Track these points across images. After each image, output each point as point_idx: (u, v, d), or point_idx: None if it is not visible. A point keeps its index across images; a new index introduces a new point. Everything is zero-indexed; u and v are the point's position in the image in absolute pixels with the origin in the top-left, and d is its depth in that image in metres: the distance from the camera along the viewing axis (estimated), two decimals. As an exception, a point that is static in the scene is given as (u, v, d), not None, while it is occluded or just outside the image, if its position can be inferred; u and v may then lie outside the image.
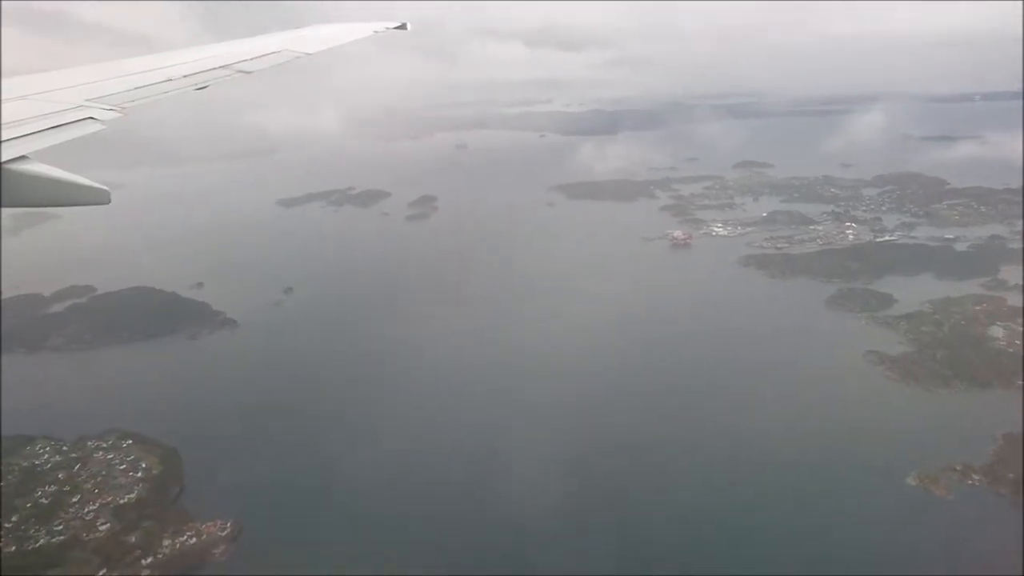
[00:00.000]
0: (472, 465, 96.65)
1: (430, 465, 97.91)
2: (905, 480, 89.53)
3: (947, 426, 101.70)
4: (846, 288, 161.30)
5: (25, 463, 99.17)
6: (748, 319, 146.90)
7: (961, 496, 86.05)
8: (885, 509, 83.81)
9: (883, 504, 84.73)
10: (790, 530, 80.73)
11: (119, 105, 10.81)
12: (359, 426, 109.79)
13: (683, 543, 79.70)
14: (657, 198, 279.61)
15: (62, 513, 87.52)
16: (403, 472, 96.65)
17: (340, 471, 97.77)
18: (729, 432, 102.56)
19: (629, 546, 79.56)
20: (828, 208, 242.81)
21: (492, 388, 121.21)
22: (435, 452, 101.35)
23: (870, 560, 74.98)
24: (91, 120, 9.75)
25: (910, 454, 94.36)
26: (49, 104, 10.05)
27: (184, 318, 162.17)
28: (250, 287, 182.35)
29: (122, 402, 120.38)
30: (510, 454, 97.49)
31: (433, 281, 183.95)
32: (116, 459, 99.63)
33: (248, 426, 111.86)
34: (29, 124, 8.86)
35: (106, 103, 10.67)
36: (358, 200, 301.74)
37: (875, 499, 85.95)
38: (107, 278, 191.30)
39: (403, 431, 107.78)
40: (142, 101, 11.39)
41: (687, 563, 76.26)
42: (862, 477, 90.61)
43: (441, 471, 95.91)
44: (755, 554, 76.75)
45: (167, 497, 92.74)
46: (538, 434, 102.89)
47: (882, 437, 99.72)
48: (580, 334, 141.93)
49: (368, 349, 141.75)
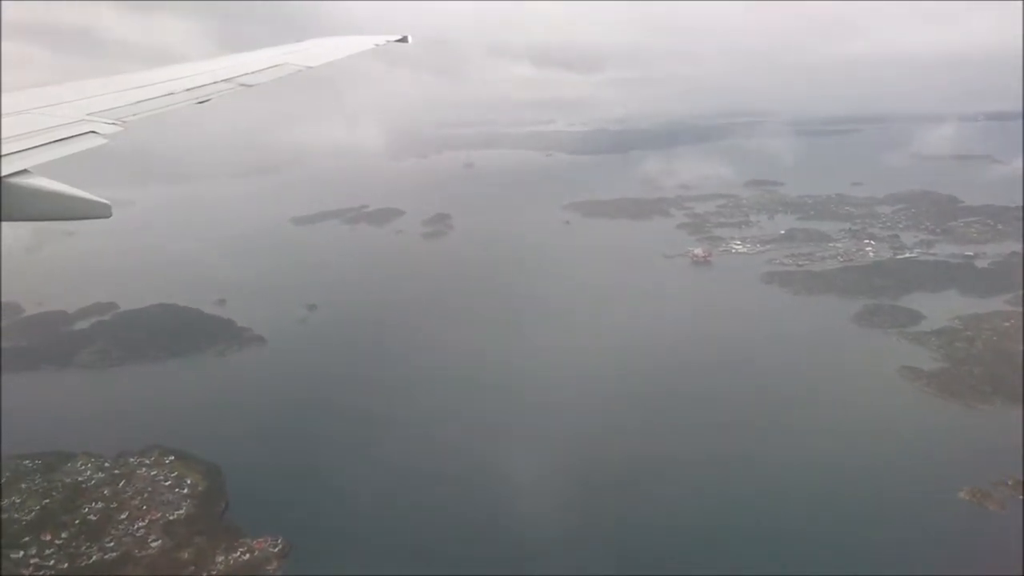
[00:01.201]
0: (501, 486, 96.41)
1: (455, 486, 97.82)
2: (957, 495, 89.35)
3: (991, 441, 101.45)
4: (873, 304, 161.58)
5: (68, 479, 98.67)
6: (777, 337, 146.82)
7: (1015, 510, 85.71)
8: (942, 524, 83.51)
9: (940, 519, 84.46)
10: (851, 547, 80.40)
11: (121, 119, 10.80)
12: (391, 444, 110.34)
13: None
14: (672, 216, 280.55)
15: (112, 530, 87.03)
16: (424, 491, 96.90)
17: (375, 488, 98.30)
18: (772, 452, 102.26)
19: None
20: (845, 226, 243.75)
21: (521, 407, 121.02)
22: (465, 473, 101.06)
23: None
24: (93, 134, 9.78)
25: (959, 469, 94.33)
26: (51, 118, 10.06)
27: (211, 335, 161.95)
28: (274, 304, 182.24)
29: (158, 419, 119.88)
30: (535, 477, 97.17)
31: (457, 299, 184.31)
32: (160, 475, 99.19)
33: (285, 442, 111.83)
34: (31, 138, 8.86)
35: (108, 117, 10.69)
36: (372, 218, 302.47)
37: (931, 515, 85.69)
38: (128, 295, 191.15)
39: (431, 449, 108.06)
40: (144, 115, 11.38)
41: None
42: (915, 493, 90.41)
43: (470, 490, 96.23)
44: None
45: (214, 513, 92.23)
46: (567, 456, 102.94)
47: (929, 452, 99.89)
48: (607, 353, 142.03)
49: (397, 368, 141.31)
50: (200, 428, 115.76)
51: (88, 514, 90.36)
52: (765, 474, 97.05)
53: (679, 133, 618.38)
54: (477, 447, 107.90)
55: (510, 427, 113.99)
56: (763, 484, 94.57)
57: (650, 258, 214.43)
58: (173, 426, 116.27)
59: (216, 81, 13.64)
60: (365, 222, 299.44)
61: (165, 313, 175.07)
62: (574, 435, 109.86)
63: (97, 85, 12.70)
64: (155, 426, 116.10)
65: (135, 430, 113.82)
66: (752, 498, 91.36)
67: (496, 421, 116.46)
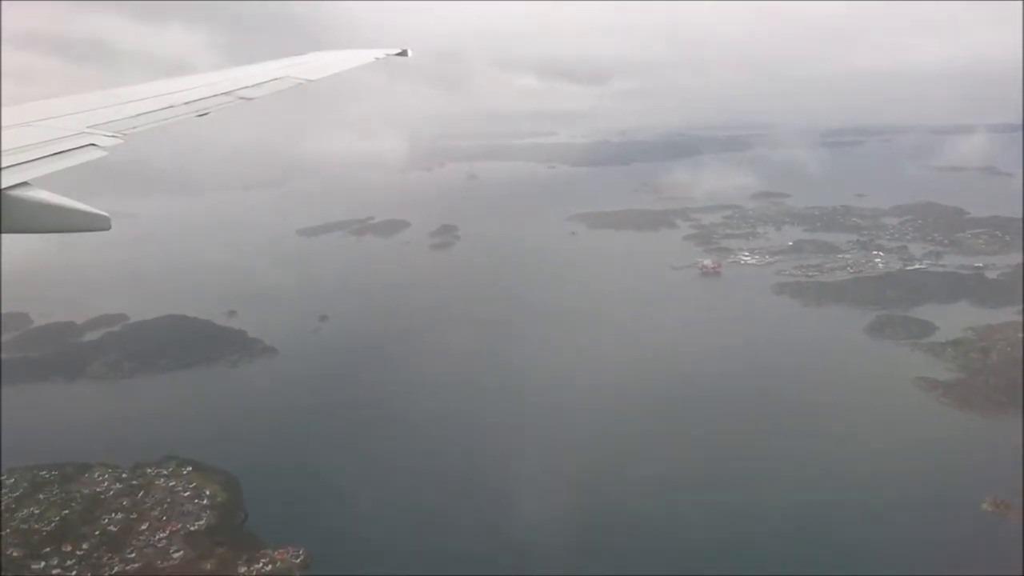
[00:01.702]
0: (515, 493, 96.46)
1: (470, 493, 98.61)
2: (980, 506, 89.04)
3: (1011, 451, 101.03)
4: (885, 315, 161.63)
5: (87, 490, 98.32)
6: (791, 347, 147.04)
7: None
8: (966, 534, 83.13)
9: (964, 529, 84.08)
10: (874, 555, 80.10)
11: (120, 132, 10.78)
12: (406, 453, 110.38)
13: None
14: (679, 227, 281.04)
15: (132, 541, 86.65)
16: (438, 499, 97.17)
17: (392, 497, 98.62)
18: (790, 461, 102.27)
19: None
20: (852, 237, 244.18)
21: (536, 416, 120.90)
22: (481, 479, 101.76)
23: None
24: (92, 147, 9.73)
25: (980, 479, 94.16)
26: (50, 131, 10.03)
27: (222, 346, 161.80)
28: (284, 315, 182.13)
29: (174, 430, 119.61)
30: (546, 485, 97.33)
31: (467, 309, 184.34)
32: (178, 486, 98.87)
33: (301, 453, 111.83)
34: (30, 151, 8.83)
35: (107, 130, 10.66)
36: (379, 230, 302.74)
37: (953, 526, 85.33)
38: (137, 306, 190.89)
39: (445, 458, 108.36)
40: (143, 128, 11.36)
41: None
42: (937, 504, 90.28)
43: (486, 497, 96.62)
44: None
45: (234, 524, 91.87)
46: (577, 469, 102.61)
47: (949, 462, 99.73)
48: (621, 364, 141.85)
49: (410, 378, 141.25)
50: (216, 439, 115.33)
51: (108, 525, 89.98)
52: (783, 483, 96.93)
53: (681, 145, 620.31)
54: (492, 455, 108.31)
55: (524, 435, 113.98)
56: (780, 493, 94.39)
57: (659, 269, 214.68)
58: (188, 437, 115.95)
59: (216, 94, 13.67)
60: (371, 233, 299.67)
61: (175, 324, 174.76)
62: (589, 444, 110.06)
63: (97, 98, 12.71)
64: (170, 437, 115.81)
65: (151, 441, 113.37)
66: (768, 507, 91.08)
67: (511, 430, 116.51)
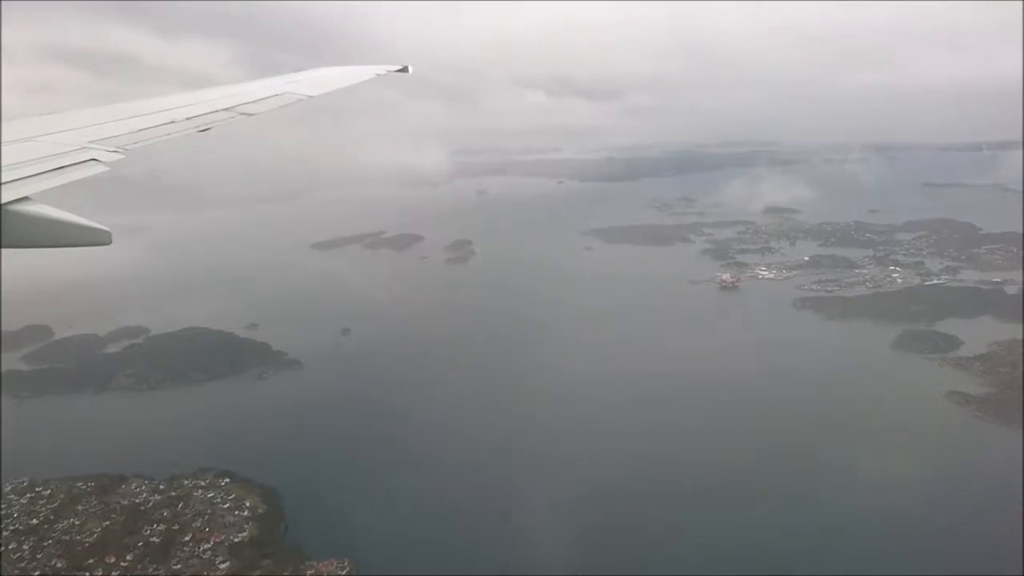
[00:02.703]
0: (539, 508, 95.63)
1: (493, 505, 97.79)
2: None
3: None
4: (910, 330, 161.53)
5: (125, 502, 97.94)
6: (819, 362, 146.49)
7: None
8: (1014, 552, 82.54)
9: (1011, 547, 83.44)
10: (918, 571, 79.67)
11: (122, 147, 10.73)
12: (436, 465, 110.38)
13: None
14: (693, 242, 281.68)
15: (176, 552, 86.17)
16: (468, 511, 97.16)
17: (425, 507, 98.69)
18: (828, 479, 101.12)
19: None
20: (867, 252, 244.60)
21: (560, 431, 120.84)
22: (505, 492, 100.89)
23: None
24: (94, 162, 9.70)
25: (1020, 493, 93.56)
26: (52, 146, 10.01)
27: (247, 358, 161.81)
28: (306, 328, 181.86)
29: (206, 441, 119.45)
30: (577, 503, 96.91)
31: (489, 323, 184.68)
32: (217, 498, 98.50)
33: (336, 465, 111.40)
34: (32, 165, 8.81)
35: (109, 145, 10.61)
36: (393, 244, 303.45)
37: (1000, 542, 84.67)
38: (157, 319, 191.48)
39: (466, 471, 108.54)
40: (145, 143, 11.32)
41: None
42: (981, 519, 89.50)
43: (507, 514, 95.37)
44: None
45: (276, 536, 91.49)
46: (604, 482, 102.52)
47: (989, 477, 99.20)
48: (643, 379, 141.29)
49: (434, 391, 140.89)
50: (249, 451, 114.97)
51: (150, 536, 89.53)
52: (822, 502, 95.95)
53: (687, 162, 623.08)
54: (520, 468, 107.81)
55: (548, 450, 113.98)
56: (819, 513, 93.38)
57: (678, 283, 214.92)
58: (221, 449, 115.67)
59: (217, 110, 13.69)
60: (386, 247, 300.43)
61: (198, 337, 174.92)
62: (615, 457, 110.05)
63: (99, 113, 12.76)
64: (203, 449, 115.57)
65: (184, 453, 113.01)
66: (804, 524, 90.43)
67: (534, 445, 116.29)
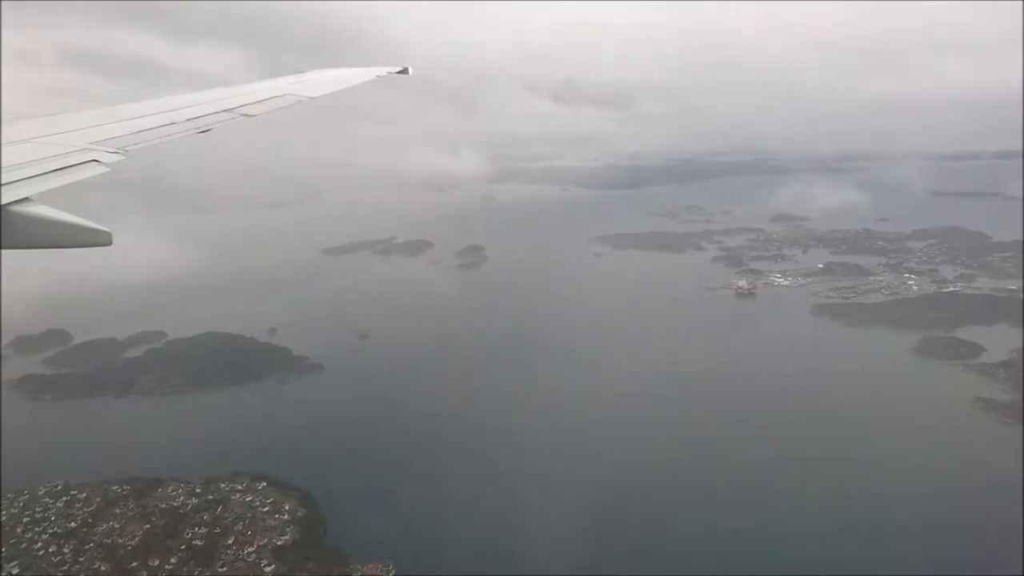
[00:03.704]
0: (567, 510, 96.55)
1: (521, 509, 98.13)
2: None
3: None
4: (930, 336, 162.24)
5: (163, 505, 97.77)
6: (842, 369, 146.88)
7: None
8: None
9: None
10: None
11: (123, 148, 10.74)
12: (467, 466, 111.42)
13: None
14: (705, 249, 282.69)
15: (220, 555, 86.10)
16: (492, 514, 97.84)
17: (465, 509, 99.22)
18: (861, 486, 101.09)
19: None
20: (880, 260, 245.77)
21: (581, 436, 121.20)
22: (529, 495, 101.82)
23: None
24: (95, 163, 9.73)
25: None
26: (53, 147, 10.03)
27: (268, 363, 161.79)
28: (325, 333, 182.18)
29: (236, 445, 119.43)
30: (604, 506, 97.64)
31: (504, 328, 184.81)
32: (255, 501, 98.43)
33: (367, 468, 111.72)
34: (32, 167, 8.84)
35: (109, 146, 10.63)
36: (404, 249, 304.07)
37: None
38: (174, 324, 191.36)
39: (490, 472, 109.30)
40: (145, 144, 11.31)
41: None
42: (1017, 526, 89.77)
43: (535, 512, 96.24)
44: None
45: (317, 539, 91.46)
46: (621, 486, 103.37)
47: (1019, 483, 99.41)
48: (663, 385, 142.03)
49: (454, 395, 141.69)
50: (279, 454, 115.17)
51: (192, 539, 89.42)
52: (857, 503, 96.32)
53: (690, 169, 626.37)
54: (543, 468, 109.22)
55: (571, 451, 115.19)
56: (855, 515, 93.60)
57: (694, 290, 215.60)
58: (252, 452, 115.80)
59: (218, 111, 13.68)
60: (397, 253, 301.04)
61: (217, 341, 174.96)
62: (637, 461, 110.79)
63: (99, 114, 12.74)
64: (234, 452, 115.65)
65: (215, 456, 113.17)
66: (842, 531, 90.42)
67: (556, 445, 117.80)
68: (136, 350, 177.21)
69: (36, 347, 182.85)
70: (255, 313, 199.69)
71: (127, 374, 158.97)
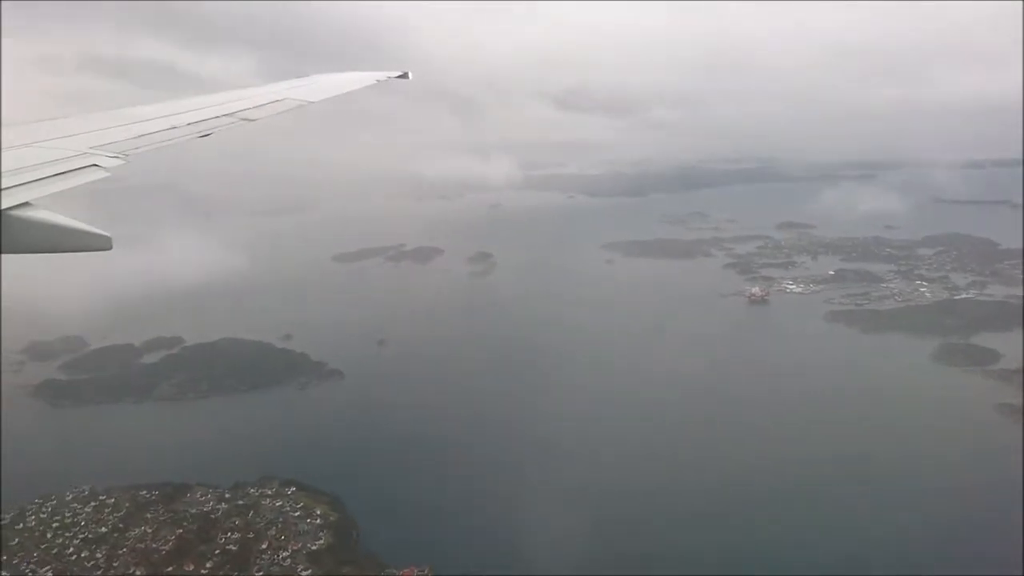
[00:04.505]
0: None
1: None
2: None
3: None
4: (947, 343, 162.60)
5: (194, 510, 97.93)
6: (860, 375, 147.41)
7: None
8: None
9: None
10: None
11: (123, 152, 10.72)
12: (493, 469, 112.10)
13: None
14: (715, 256, 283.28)
15: (256, 559, 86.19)
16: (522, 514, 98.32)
17: (494, 512, 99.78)
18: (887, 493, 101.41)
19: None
20: (891, 267, 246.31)
21: (611, 437, 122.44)
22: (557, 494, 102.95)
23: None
24: (95, 167, 9.73)
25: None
26: (53, 151, 10.01)
27: (288, 368, 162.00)
28: (341, 339, 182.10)
29: (262, 450, 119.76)
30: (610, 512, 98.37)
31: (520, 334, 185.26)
32: (285, 506, 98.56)
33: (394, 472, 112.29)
34: (33, 171, 8.83)
35: (110, 150, 10.61)
36: (414, 256, 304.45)
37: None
38: (190, 329, 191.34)
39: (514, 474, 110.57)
40: (146, 148, 11.30)
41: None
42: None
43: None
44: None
45: (351, 543, 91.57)
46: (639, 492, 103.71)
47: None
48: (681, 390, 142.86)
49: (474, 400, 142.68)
50: (305, 458, 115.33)
51: (226, 544, 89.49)
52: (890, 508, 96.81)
53: (694, 177, 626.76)
54: (562, 473, 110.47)
55: (597, 454, 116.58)
56: (886, 520, 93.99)
57: (707, 296, 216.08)
58: (278, 457, 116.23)
59: (218, 116, 13.70)
60: (407, 260, 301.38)
61: (235, 347, 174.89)
62: (657, 466, 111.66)
63: (100, 119, 12.81)
64: (260, 457, 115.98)
65: (242, 461, 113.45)
66: (869, 535, 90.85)
67: (583, 449, 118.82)
68: (153, 356, 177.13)
69: (51, 353, 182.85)
70: (268, 319, 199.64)
71: (145, 380, 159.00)
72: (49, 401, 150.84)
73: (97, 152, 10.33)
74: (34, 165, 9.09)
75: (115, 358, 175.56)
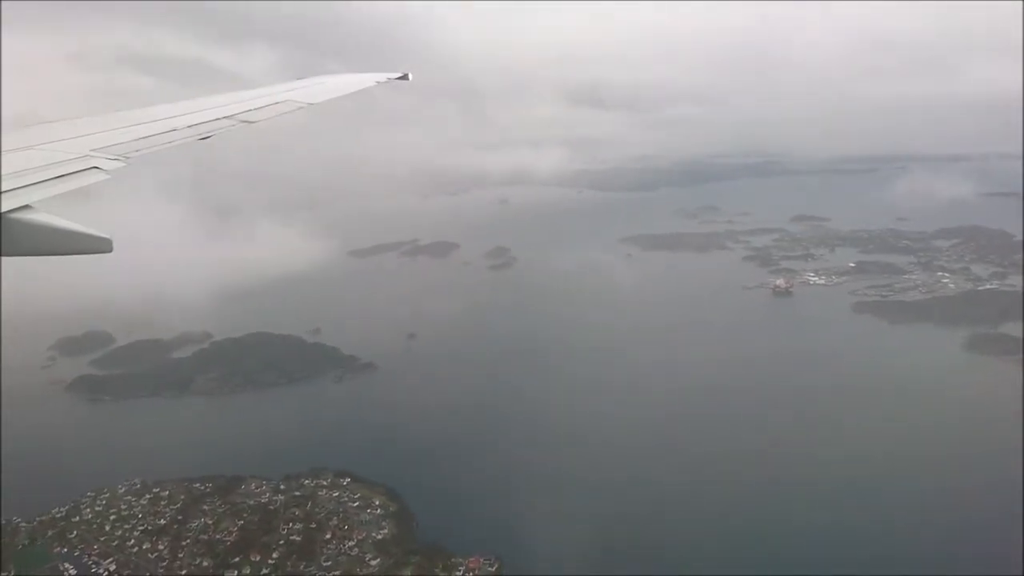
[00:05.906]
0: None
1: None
2: None
3: None
4: (977, 333, 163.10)
5: (251, 501, 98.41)
6: (895, 365, 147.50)
7: None
8: None
9: None
10: None
11: (123, 155, 10.75)
12: (538, 459, 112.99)
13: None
14: (732, 249, 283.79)
15: (322, 549, 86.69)
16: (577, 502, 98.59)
17: (549, 502, 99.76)
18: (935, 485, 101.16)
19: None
20: (910, 259, 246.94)
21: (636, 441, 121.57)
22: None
23: None
24: (95, 170, 9.72)
25: None
26: (54, 154, 10.00)
27: (320, 362, 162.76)
28: (371, 333, 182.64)
29: (309, 442, 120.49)
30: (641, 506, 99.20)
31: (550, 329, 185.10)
32: (344, 497, 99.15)
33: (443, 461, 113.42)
34: (33, 174, 8.79)
35: (110, 153, 10.64)
36: (430, 251, 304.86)
37: None
38: (217, 324, 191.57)
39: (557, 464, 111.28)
40: (147, 151, 11.32)
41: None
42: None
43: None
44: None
45: (413, 533, 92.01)
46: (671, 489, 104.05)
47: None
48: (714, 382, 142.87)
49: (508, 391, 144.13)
50: (353, 450, 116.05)
51: (289, 535, 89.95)
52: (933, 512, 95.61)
53: (700, 172, 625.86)
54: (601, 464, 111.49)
55: (632, 447, 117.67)
56: (932, 525, 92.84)
57: (731, 289, 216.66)
58: (326, 448, 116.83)
59: (218, 118, 13.70)
60: (424, 255, 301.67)
61: (264, 341, 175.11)
62: (686, 460, 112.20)
63: (100, 121, 12.78)
64: (308, 448, 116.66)
65: (290, 453, 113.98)
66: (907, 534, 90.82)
67: (617, 440, 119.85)
68: (183, 351, 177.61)
69: (80, 348, 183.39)
70: (294, 314, 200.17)
71: (180, 374, 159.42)
72: (88, 396, 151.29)
73: (97, 155, 10.34)
74: (34, 168, 9.04)
75: (145, 353, 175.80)
